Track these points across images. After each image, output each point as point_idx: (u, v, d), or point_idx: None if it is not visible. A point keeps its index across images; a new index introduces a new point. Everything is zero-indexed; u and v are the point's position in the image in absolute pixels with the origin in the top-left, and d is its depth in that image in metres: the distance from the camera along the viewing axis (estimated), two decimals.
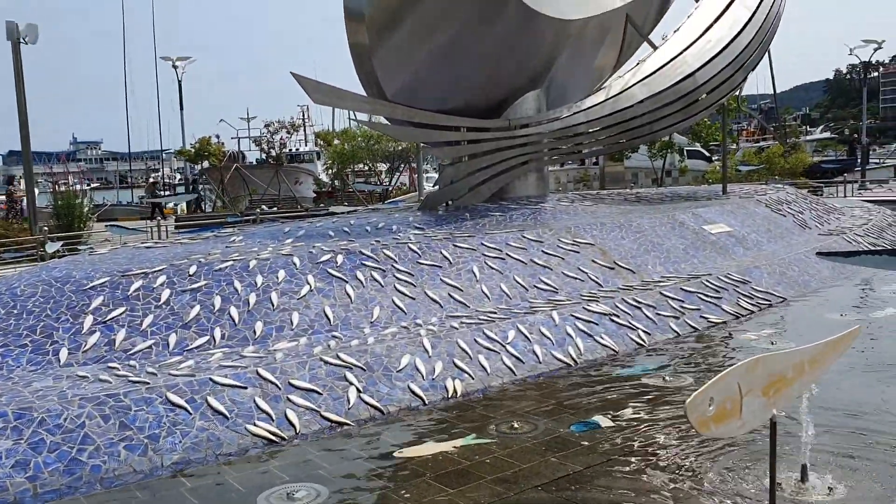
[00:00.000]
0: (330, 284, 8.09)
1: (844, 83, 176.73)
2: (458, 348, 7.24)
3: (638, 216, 12.10)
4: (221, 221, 20.01)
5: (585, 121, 13.63)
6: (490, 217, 11.39)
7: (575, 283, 9.42)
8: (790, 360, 4.15)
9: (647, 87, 13.98)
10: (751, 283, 10.33)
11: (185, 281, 7.72)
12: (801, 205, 15.95)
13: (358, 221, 11.02)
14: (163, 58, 36.07)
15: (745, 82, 17.40)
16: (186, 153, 36.94)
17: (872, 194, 26.78)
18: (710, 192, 17.50)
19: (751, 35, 14.91)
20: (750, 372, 3.90)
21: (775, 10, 15.89)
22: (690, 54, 14.33)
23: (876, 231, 15.24)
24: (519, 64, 12.60)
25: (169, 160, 60.47)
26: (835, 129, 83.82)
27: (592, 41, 14.46)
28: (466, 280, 8.82)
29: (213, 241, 10.27)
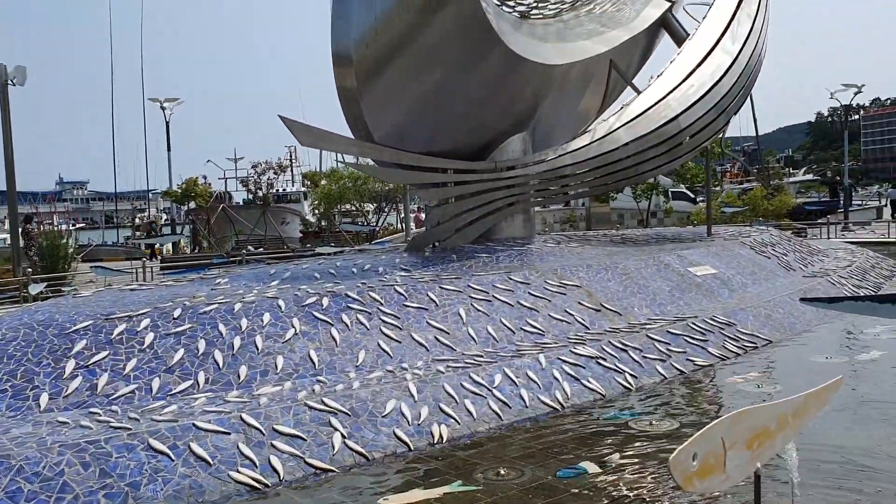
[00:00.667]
0: (315, 328, 8.04)
1: (826, 126, 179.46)
2: (445, 393, 7.19)
3: (624, 258, 12.15)
4: (207, 262, 19.90)
5: (571, 163, 13.76)
6: (477, 258, 11.41)
7: (562, 325, 9.42)
8: (774, 412, 4.14)
9: (632, 130, 14.15)
10: (736, 325, 10.36)
11: (169, 324, 7.66)
12: (785, 247, 16.07)
13: (344, 263, 11.01)
14: (151, 99, 36.25)
15: (728, 125, 17.65)
16: (173, 194, 36.91)
17: (855, 236, 27.03)
18: (695, 234, 17.63)
19: (732, 80, 15.16)
20: (734, 425, 3.88)
21: (756, 55, 16.19)
22: (674, 99, 14.53)
23: (859, 273, 15.35)
24: (505, 107, 12.75)
25: (155, 200, 60.40)
26: (817, 171, 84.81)
27: (577, 85, 14.69)
28: (453, 323, 8.80)
29: (199, 284, 10.22)
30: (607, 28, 15.25)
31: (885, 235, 26.00)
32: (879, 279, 15.62)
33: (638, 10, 16.01)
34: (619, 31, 15.17)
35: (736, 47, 15.44)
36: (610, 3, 16.38)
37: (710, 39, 15.52)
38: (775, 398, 7.55)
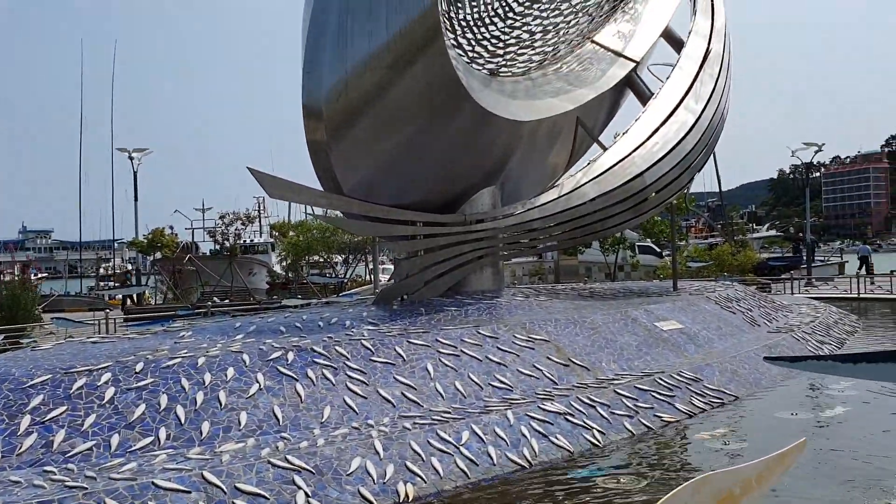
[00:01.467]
0: (280, 383, 7.92)
1: (788, 182, 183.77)
2: (411, 450, 7.08)
3: (592, 312, 12.19)
4: (172, 314, 19.63)
5: (540, 217, 13.87)
6: (445, 312, 11.37)
7: (530, 380, 9.37)
8: (737, 476, 4.11)
9: (598, 185, 14.33)
10: (703, 381, 10.39)
11: (130, 378, 7.50)
12: (749, 302, 16.26)
13: (311, 316, 10.90)
14: (119, 149, 35.98)
15: (693, 182, 17.98)
16: (139, 244, 36.53)
17: (819, 291, 27.48)
18: (662, 288, 17.78)
19: (696, 138, 15.48)
20: (696, 492, 3.84)
21: (719, 114, 16.59)
22: (639, 155, 14.78)
23: (823, 329, 15.55)
24: (474, 161, 12.88)
25: (121, 250, 59.67)
26: (780, 227, 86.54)
27: (545, 141, 14.90)
28: (420, 378, 8.72)
29: (162, 337, 10.05)
30: (574, 86, 15.55)
31: (848, 291, 26.44)
32: (842, 335, 15.84)
33: (604, 70, 16.37)
34: (585, 90, 15.47)
35: (699, 107, 15.81)
36: (577, 62, 16.73)
37: (673, 99, 15.88)
38: (742, 454, 7.55)
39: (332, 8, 10.40)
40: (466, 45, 14.28)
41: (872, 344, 15.65)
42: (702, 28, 17.54)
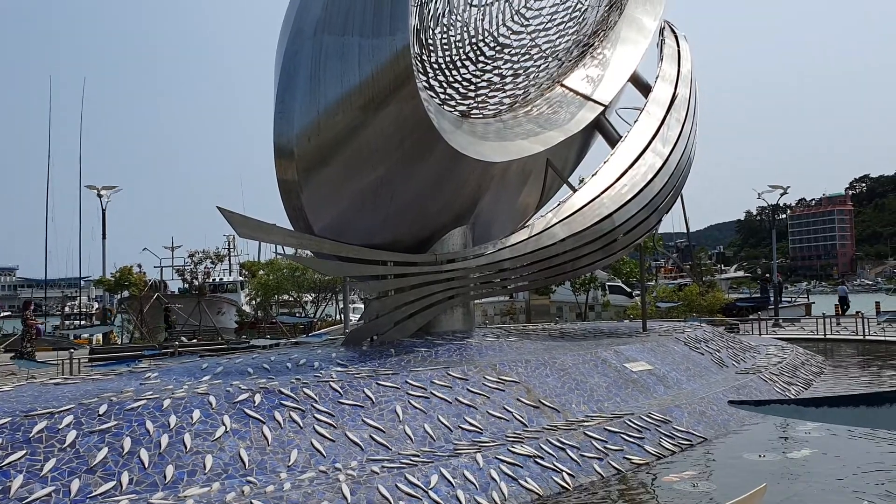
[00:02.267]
0: (246, 426, 7.80)
1: (755, 224, 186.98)
2: (379, 494, 6.99)
3: (562, 353, 12.21)
4: (138, 354, 19.32)
5: (510, 257, 13.91)
6: (415, 353, 11.32)
7: (500, 422, 9.32)
8: None
9: (568, 226, 14.44)
10: (672, 422, 10.41)
11: (93, 421, 7.34)
12: (718, 343, 16.39)
13: (279, 357, 10.79)
14: (88, 186, 35.68)
15: (661, 223, 18.20)
16: (106, 282, 36.03)
17: (786, 332, 27.78)
18: (631, 329, 17.87)
19: (664, 180, 15.71)
20: None
21: (686, 156, 16.88)
22: (608, 197, 14.95)
23: (790, 370, 15.70)
24: (445, 202, 12.94)
25: (87, 289, 58.76)
26: (748, 268, 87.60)
27: (516, 182, 15.05)
28: (389, 420, 8.64)
29: (127, 378, 9.89)
30: (544, 129, 15.75)
31: (814, 332, 26.77)
32: (809, 376, 15.99)
33: (573, 113, 16.62)
34: (555, 132, 15.68)
35: (666, 150, 16.07)
36: (547, 105, 16.97)
37: (641, 142, 16.13)
38: (711, 497, 7.56)
39: (305, 49, 10.48)
40: (438, 87, 14.45)
41: (839, 385, 15.81)
42: (668, 73, 17.93)
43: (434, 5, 13.88)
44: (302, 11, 10.73)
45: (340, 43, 10.50)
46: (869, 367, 19.10)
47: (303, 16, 10.70)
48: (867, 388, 15.36)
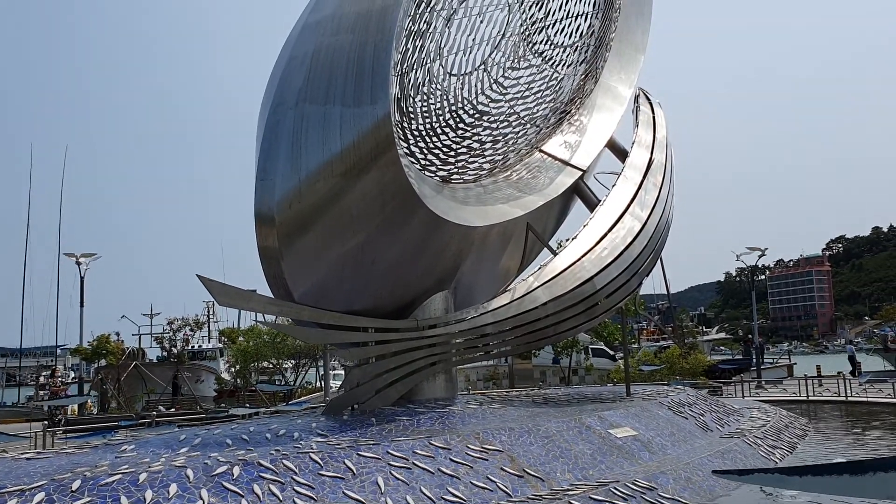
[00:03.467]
0: (225, 499, 7.59)
1: (735, 285, 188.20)
2: None
3: (546, 419, 12.06)
4: (115, 425, 18.91)
5: (492, 321, 13.87)
6: (397, 422, 11.14)
7: (483, 493, 9.13)
8: None
9: (550, 290, 14.46)
10: (657, 489, 10.24)
11: (66, 497, 7.12)
12: (701, 406, 16.29)
13: (258, 428, 10.58)
14: (66, 254, 35.36)
15: (642, 286, 18.28)
16: (83, 351, 35.46)
17: (769, 394, 27.72)
18: (615, 393, 17.75)
19: (643, 244, 15.83)
20: None
21: (664, 220, 17.05)
22: (588, 260, 15.02)
23: (774, 433, 15.60)
24: (427, 267, 12.94)
25: (64, 357, 57.72)
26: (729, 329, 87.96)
27: (497, 246, 15.10)
28: (370, 493, 8.44)
29: (103, 451, 9.65)
30: (524, 193, 15.89)
31: (797, 394, 26.72)
32: (794, 439, 15.88)
33: (552, 178, 16.80)
34: (535, 197, 15.82)
35: (644, 213, 16.24)
36: (526, 170, 17.16)
37: (620, 206, 16.30)
38: None
39: (287, 119, 10.59)
40: (419, 153, 14.59)
41: (823, 448, 15.71)
42: (644, 139, 18.24)
43: (414, 74, 14.13)
44: (284, 82, 10.89)
45: (322, 112, 10.63)
46: (852, 430, 19.04)
47: (285, 87, 10.85)
48: (851, 451, 15.27)
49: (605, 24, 18.50)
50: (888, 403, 22.96)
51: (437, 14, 14.43)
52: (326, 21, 11.40)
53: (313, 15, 11.68)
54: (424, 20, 14.03)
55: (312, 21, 11.58)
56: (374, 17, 11.22)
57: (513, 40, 16.92)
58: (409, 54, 13.66)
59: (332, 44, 11.10)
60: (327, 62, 10.96)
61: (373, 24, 11.15)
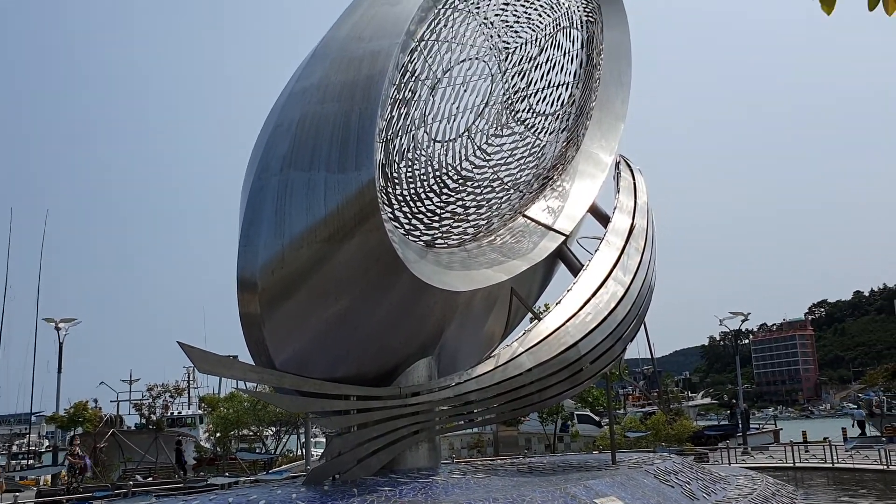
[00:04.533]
0: None
1: (719, 349, 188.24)
2: None
3: (531, 489, 11.83)
4: (88, 496, 18.41)
5: (476, 388, 13.72)
6: (379, 493, 10.90)
7: None
8: None
9: (534, 356, 14.37)
10: None
11: None
12: (688, 474, 16.06)
13: (237, 499, 10.34)
14: (45, 319, 34.95)
15: (626, 350, 18.23)
16: (59, 419, 34.75)
17: (755, 461, 27.47)
18: (601, 461, 17.51)
19: (626, 308, 15.85)
20: None
21: (647, 284, 17.12)
22: (572, 325, 14.99)
23: (761, 501, 15.38)
24: (410, 333, 12.85)
25: (38, 425, 56.55)
26: (714, 394, 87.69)
27: (481, 311, 15.05)
28: None
29: None
30: (508, 258, 15.95)
31: (783, 461, 26.50)
32: None
33: (535, 243, 16.90)
34: (518, 261, 15.87)
35: (627, 278, 16.31)
36: (510, 235, 17.27)
37: (603, 271, 16.37)
38: None
39: (271, 185, 10.64)
40: (403, 218, 14.66)
41: None
42: (626, 205, 18.46)
43: (399, 141, 14.30)
44: (269, 149, 10.98)
45: (307, 178, 10.70)
46: (840, 497, 18.84)
47: (270, 153, 10.93)
48: None
49: (585, 94, 18.91)
50: (875, 470, 22.78)
51: (422, 83, 14.70)
52: (313, 89, 11.57)
53: (300, 83, 11.85)
54: (409, 89, 14.28)
55: (299, 89, 11.75)
56: (360, 86, 11.41)
57: (496, 108, 17.25)
58: (394, 121, 13.85)
59: (318, 111, 11.24)
60: (313, 129, 11.09)
61: (359, 93, 11.33)
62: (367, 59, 11.72)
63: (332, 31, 12.55)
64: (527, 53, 17.57)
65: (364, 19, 12.45)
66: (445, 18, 14.83)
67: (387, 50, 11.82)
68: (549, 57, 18.13)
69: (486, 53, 16.54)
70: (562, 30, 18.16)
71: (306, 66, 12.14)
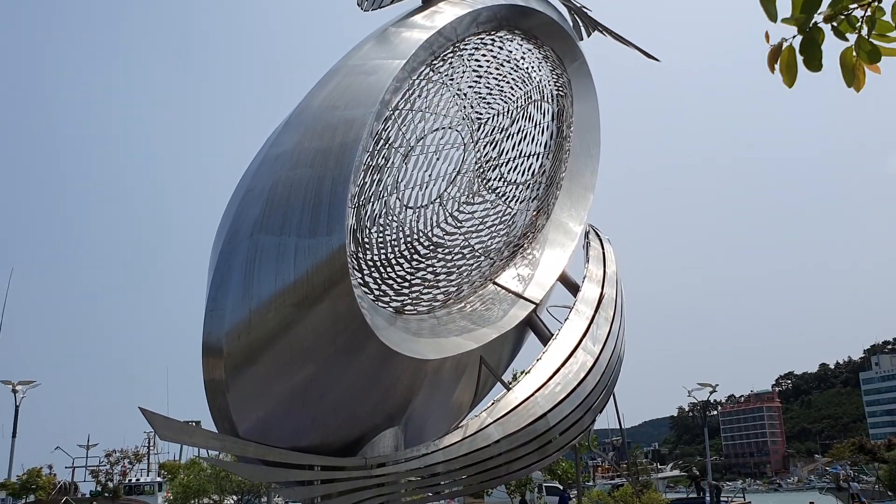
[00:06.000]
0: None
1: (688, 420, 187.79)
2: None
3: None
4: None
5: (444, 460, 13.49)
6: None
7: None
8: None
9: (503, 426, 14.20)
10: None
11: None
12: None
13: None
14: (2, 381, 33.97)
15: (595, 422, 18.10)
16: (11, 486, 33.48)
17: None
18: None
19: (596, 379, 15.79)
20: None
21: (616, 355, 17.12)
22: (541, 396, 14.88)
23: None
24: (377, 402, 12.67)
25: None
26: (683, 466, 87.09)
27: (449, 379, 14.93)
28: None
29: None
30: (478, 326, 15.90)
31: None
32: None
33: (505, 310, 16.90)
34: (488, 329, 15.83)
35: (597, 348, 16.31)
36: (480, 302, 17.26)
37: (572, 340, 16.36)
38: None
39: (240, 249, 10.58)
40: (373, 283, 14.60)
41: None
42: (595, 274, 18.58)
43: (371, 207, 14.36)
44: (240, 214, 10.96)
45: (277, 242, 10.66)
46: None
47: (241, 218, 10.90)
48: None
49: (555, 164, 19.23)
50: None
51: (396, 150, 14.86)
52: (286, 155, 11.62)
53: (273, 149, 11.91)
54: (383, 156, 14.42)
55: (272, 155, 11.80)
56: (333, 153, 11.49)
57: (468, 176, 17.46)
58: (366, 187, 13.92)
59: (290, 177, 11.28)
60: (285, 194, 11.10)
61: (332, 160, 11.40)
62: (342, 126, 11.85)
63: (308, 99, 12.69)
64: (499, 124, 17.91)
65: (339, 88, 12.62)
66: (420, 88, 15.10)
67: (361, 118, 11.96)
68: (521, 128, 18.50)
69: (458, 123, 16.83)
70: (533, 102, 18.57)
71: (280, 133, 12.23)
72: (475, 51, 16.71)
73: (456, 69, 16.27)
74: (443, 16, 14.68)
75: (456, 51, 15.89)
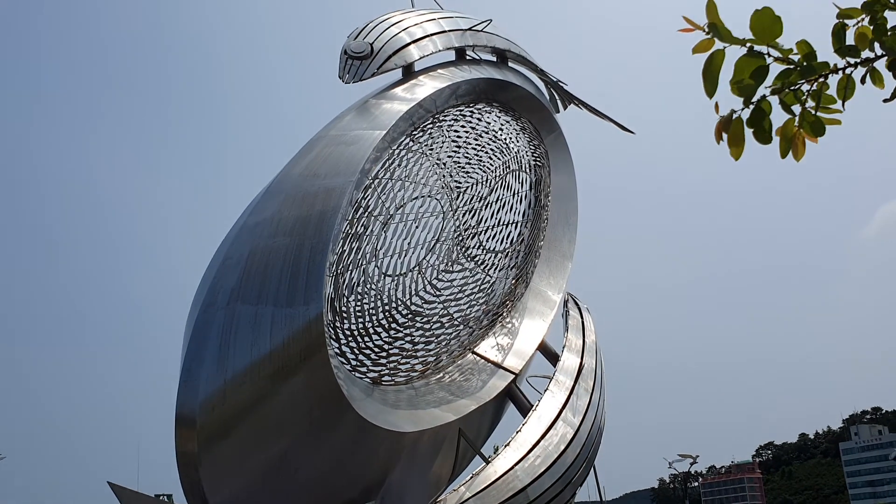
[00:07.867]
0: None
1: (669, 492, 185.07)
2: None
3: None
4: None
5: None
6: None
7: None
8: None
9: (482, 501, 13.94)
10: None
11: None
12: None
13: None
14: None
15: (575, 496, 17.78)
16: None
17: None
18: None
19: (576, 451, 15.60)
20: None
21: (597, 426, 16.94)
22: (521, 469, 14.65)
23: None
24: (354, 475, 12.41)
25: None
26: None
27: (428, 452, 14.65)
28: None
29: None
30: (456, 397, 15.71)
31: None
32: None
33: (484, 381, 16.73)
34: (467, 400, 15.64)
35: (577, 420, 16.14)
36: (458, 372, 17.09)
37: (552, 412, 16.19)
38: None
39: (216, 319, 10.44)
40: (350, 353, 14.45)
41: None
42: (574, 344, 18.50)
43: (349, 275, 14.30)
44: (216, 283, 10.86)
45: (253, 312, 10.54)
46: None
47: (217, 287, 10.80)
48: None
49: (534, 233, 19.35)
50: None
51: (375, 218, 14.90)
52: (265, 223, 11.59)
53: (252, 217, 11.88)
54: (362, 224, 14.44)
55: (251, 223, 11.75)
56: (312, 221, 11.48)
57: (447, 244, 17.50)
58: (345, 255, 13.89)
59: (268, 245, 11.22)
60: (262, 263, 11.03)
61: (311, 228, 11.38)
62: (322, 195, 11.87)
63: (288, 168, 12.74)
64: (477, 192, 18.05)
65: (320, 157, 12.69)
66: (400, 158, 15.24)
67: (341, 187, 12.01)
68: (499, 196, 18.67)
69: (438, 191, 16.95)
70: (511, 172, 18.79)
71: (260, 201, 12.22)
72: (454, 122, 16.96)
73: (435, 139, 16.48)
74: (423, 88, 14.91)
75: (436, 122, 16.12)
